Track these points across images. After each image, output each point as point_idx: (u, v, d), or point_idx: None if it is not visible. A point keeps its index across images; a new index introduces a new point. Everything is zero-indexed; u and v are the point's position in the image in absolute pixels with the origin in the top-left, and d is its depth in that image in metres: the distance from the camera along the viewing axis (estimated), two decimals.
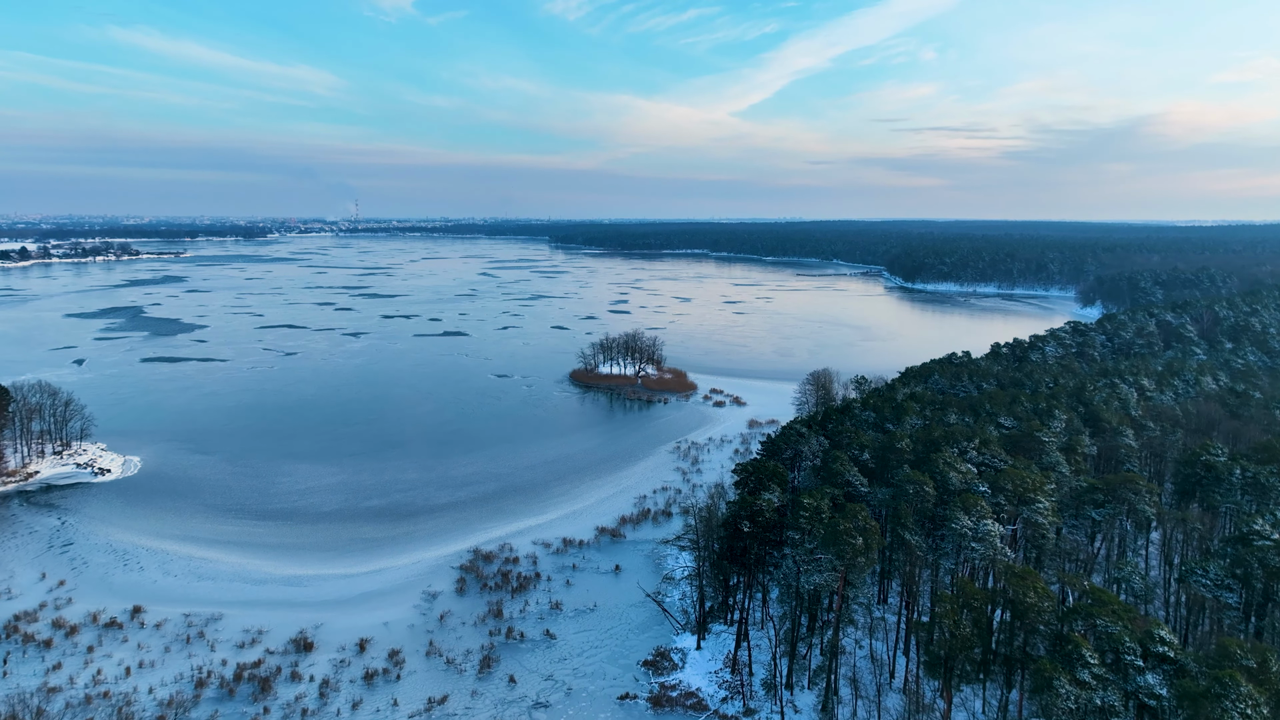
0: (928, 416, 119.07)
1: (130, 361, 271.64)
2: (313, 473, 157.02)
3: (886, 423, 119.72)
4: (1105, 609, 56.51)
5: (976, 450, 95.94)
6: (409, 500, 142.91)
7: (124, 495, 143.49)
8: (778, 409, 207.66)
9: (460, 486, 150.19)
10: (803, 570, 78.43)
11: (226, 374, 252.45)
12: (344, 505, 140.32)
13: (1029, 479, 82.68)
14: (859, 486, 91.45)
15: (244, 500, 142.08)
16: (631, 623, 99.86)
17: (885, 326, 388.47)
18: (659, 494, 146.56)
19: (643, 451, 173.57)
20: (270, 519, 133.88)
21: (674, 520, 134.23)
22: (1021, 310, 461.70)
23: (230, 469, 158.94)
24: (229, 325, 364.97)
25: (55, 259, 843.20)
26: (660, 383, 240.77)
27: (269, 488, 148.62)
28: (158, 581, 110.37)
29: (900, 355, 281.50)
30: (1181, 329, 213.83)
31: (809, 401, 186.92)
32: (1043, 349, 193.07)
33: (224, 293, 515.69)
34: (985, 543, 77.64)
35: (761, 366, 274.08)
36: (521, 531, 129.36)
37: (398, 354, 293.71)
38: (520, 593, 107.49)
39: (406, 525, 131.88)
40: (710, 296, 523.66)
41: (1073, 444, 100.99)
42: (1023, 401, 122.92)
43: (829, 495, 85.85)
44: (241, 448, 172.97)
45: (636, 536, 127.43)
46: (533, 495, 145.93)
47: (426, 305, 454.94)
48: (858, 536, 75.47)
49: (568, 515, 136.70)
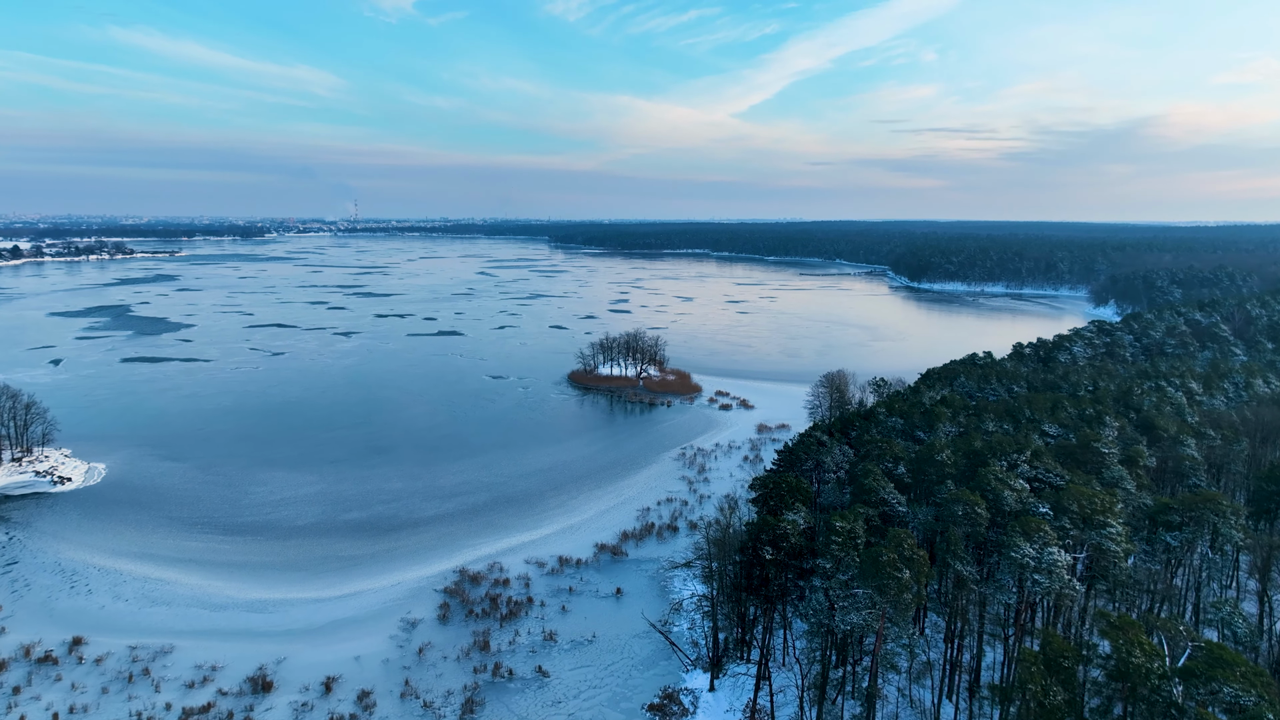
0: (962, 423, 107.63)
1: (109, 362, 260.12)
2: (290, 481, 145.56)
3: (917, 430, 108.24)
4: (1231, 672, 45.04)
5: (1028, 463, 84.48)
6: (392, 513, 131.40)
7: (82, 507, 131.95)
8: (788, 412, 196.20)
9: (448, 497, 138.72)
10: (837, 607, 66.92)
11: (209, 375, 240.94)
12: (321, 518, 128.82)
13: (1097, 499, 71.19)
14: (896, 505, 79.93)
15: (212, 512, 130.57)
16: (635, 657, 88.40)
17: (894, 326, 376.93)
18: (663, 506, 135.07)
19: (645, 458, 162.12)
20: (239, 534, 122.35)
21: (680, 536, 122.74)
22: (1032, 310, 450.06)
23: (201, 477, 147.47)
24: (217, 324, 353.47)
25: (48, 258, 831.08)
26: (663, 384, 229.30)
27: (241, 498, 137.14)
28: (105, 608, 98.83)
29: (912, 356, 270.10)
30: (1214, 328, 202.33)
31: (822, 405, 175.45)
32: (1070, 349, 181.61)
33: (215, 291, 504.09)
34: (1051, 575, 66.18)
35: (768, 368, 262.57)
36: (513, 548, 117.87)
37: (389, 354, 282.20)
38: (510, 621, 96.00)
39: (388, 541, 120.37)
40: (712, 296, 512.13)
41: (1132, 455, 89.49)
42: (1066, 407, 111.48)
43: (863, 516, 74.39)
44: (216, 454, 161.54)
45: (639, 554, 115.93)
46: (526, 507, 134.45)
47: (422, 304, 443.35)
48: (903, 569, 64.01)
49: (564, 530, 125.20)
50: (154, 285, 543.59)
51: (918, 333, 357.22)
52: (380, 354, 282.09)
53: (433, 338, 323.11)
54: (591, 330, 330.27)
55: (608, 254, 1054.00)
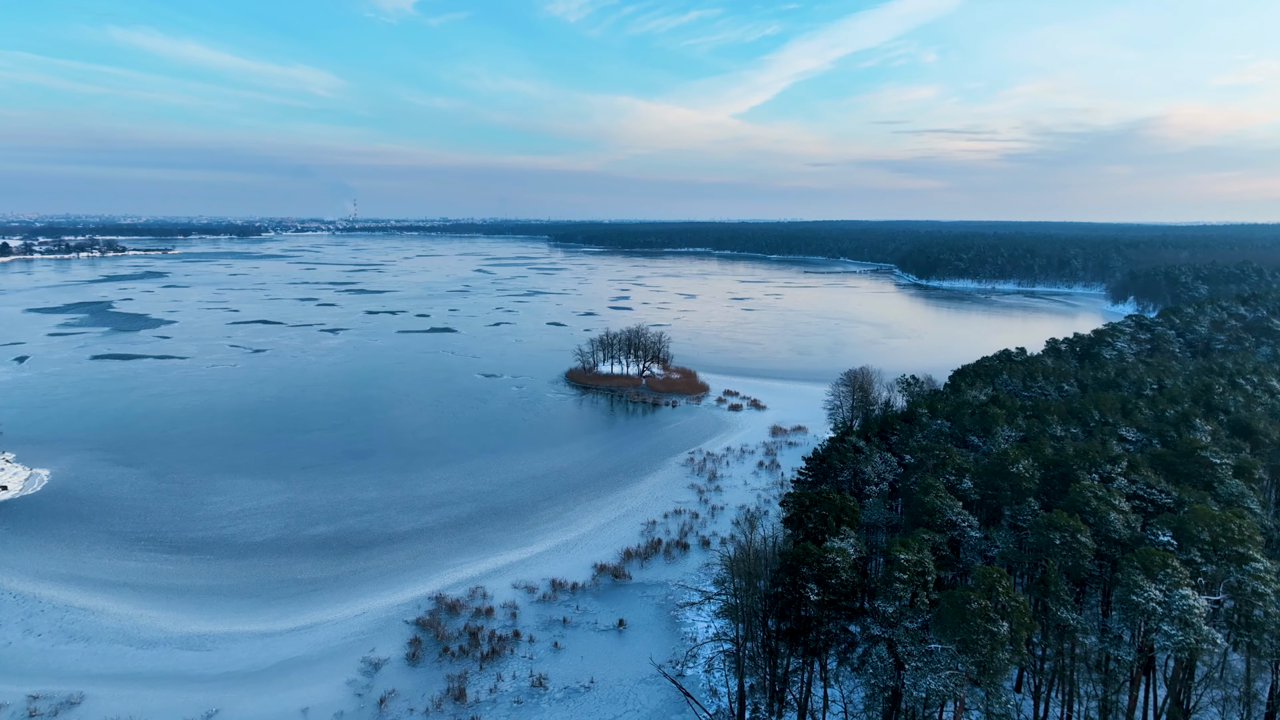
0: (1021, 427, 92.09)
1: (78, 359, 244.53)
2: (253, 490, 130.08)
3: (969, 435, 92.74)
4: None
5: (1124, 476, 68.99)
6: (363, 526, 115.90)
7: (13, 520, 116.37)
8: (803, 414, 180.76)
9: (429, 508, 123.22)
10: (908, 667, 51.41)
11: (182, 372, 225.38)
12: (282, 533, 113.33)
13: (1232, 524, 55.74)
14: (968, 530, 64.39)
15: (160, 526, 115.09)
16: (641, 709, 72.90)
17: (906, 324, 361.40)
18: (671, 519, 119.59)
19: (649, 464, 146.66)
20: (185, 551, 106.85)
21: (691, 554, 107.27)
22: (1047, 308, 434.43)
23: (154, 485, 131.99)
24: (199, 321, 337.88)
25: (38, 255, 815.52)
26: (667, 384, 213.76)
27: (195, 509, 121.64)
28: (12, 645, 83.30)
29: (931, 354, 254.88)
30: (1265, 322, 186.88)
31: (843, 405, 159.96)
32: (1114, 344, 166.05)
33: (203, 288, 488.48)
34: (1185, 625, 50.73)
35: (778, 366, 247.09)
36: (499, 570, 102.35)
37: (377, 351, 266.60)
38: (492, 661, 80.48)
39: (355, 561, 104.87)
40: (716, 293, 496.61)
41: (1243, 465, 74.00)
42: (1140, 408, 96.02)
43: (928, 544, 58.97)
44: (176, 458, 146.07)
45: (645, 577, 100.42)
46: (516, 520, 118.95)
47: (415, 301, 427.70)
48: (998, 620, 48.51)
49: (558, 547, 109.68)
50: (141, 282, 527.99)
51: (932, 330, 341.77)
52: (367, 351, 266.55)
53: (424, 334, 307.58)
54: (591, 328, 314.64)
55: (608, 252, 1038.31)
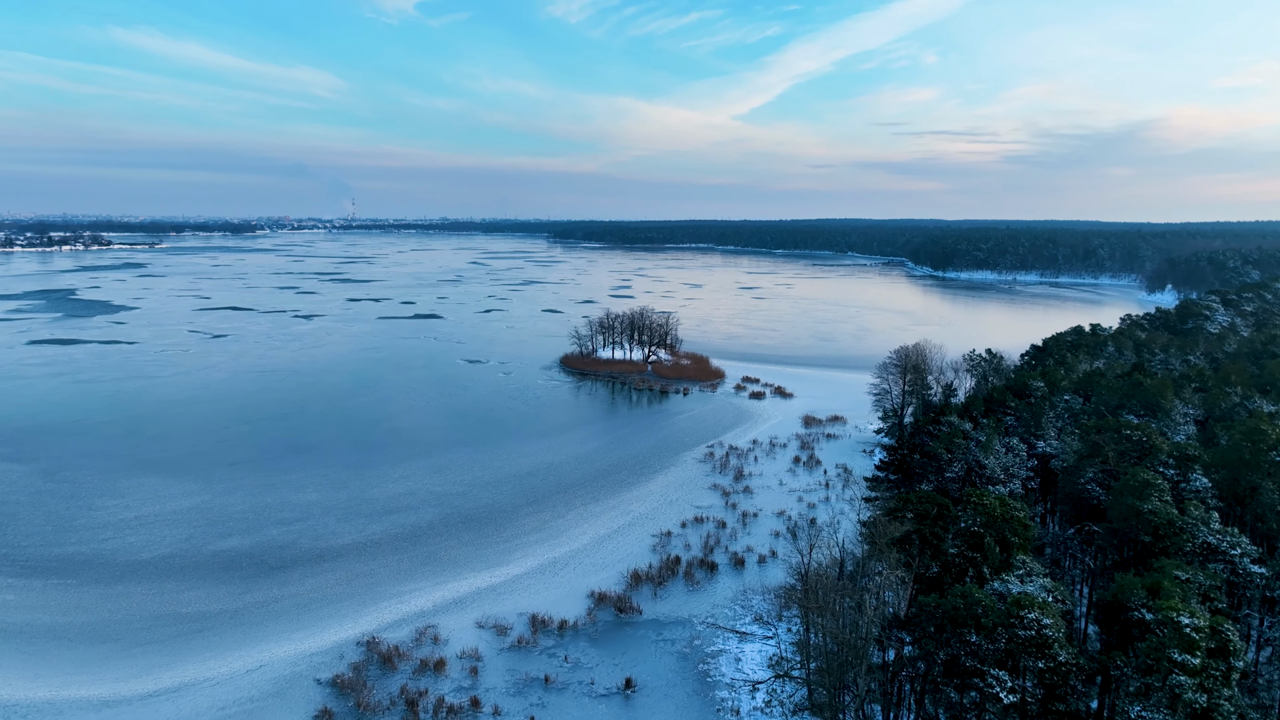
0: (1194, 402, 64.70)
1: (13, 344, 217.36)
2: (160, 491, 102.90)
3: (1119, 411, 65.42)
4: None
5: None
6: (289, 539, 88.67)
7: None
8: (839, 402, 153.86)
9: (378, 515, 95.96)
10: None
11: (124, 358, 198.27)
12: (180, 547, 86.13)
13: None
14: (1248, 563, 37.04)
15: (21, 538, 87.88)
16: None
17: (932, 312, 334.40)
18: (691, 530, 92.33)
19: (660, 460, 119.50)
20: (41, 574, 79.64)
21: (721, 578, 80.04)
22: (1076, 298, 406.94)
23: (37, 485, 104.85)
24: (164, 308, 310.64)
25: (19, 248, 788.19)
26: (677, 370, 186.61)
27: (77, 516, 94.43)
28: None
29: (966, 340, 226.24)
30: None
31: (892, 391, 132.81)
32: (1212, 316, 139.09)
33: (180, 278, 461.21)
34: None
35: (800, 353, 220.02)
36: (461, 600, 75.08)
37: (351, 336, 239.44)
38: None
39: (267, 587, 77.62)
40: (722, 284, 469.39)
41: None
42: None
43: (1195, 591, 31.61)
44: (78, 452, 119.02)
45: (660, 611, 73.07)
46: (490, 531, 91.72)
47: (403, 290, 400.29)
48: None
49: (542, 567, 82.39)
50: (116, 272, 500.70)
51: (961, 318, 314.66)
52: (340, 336, 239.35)
53: (407, 320, 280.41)
54: (590, 315, 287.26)
55: (608, 248, 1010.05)
